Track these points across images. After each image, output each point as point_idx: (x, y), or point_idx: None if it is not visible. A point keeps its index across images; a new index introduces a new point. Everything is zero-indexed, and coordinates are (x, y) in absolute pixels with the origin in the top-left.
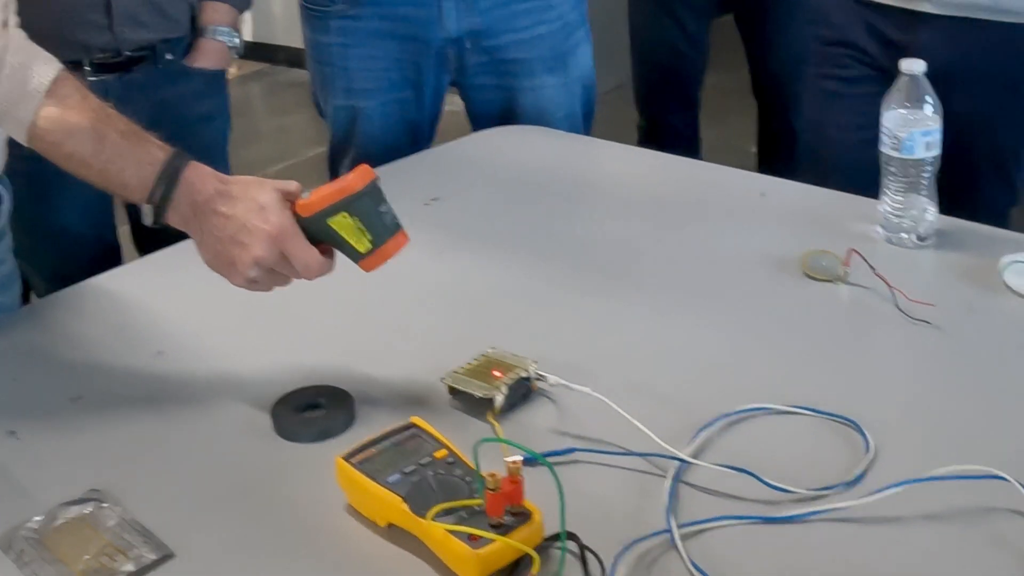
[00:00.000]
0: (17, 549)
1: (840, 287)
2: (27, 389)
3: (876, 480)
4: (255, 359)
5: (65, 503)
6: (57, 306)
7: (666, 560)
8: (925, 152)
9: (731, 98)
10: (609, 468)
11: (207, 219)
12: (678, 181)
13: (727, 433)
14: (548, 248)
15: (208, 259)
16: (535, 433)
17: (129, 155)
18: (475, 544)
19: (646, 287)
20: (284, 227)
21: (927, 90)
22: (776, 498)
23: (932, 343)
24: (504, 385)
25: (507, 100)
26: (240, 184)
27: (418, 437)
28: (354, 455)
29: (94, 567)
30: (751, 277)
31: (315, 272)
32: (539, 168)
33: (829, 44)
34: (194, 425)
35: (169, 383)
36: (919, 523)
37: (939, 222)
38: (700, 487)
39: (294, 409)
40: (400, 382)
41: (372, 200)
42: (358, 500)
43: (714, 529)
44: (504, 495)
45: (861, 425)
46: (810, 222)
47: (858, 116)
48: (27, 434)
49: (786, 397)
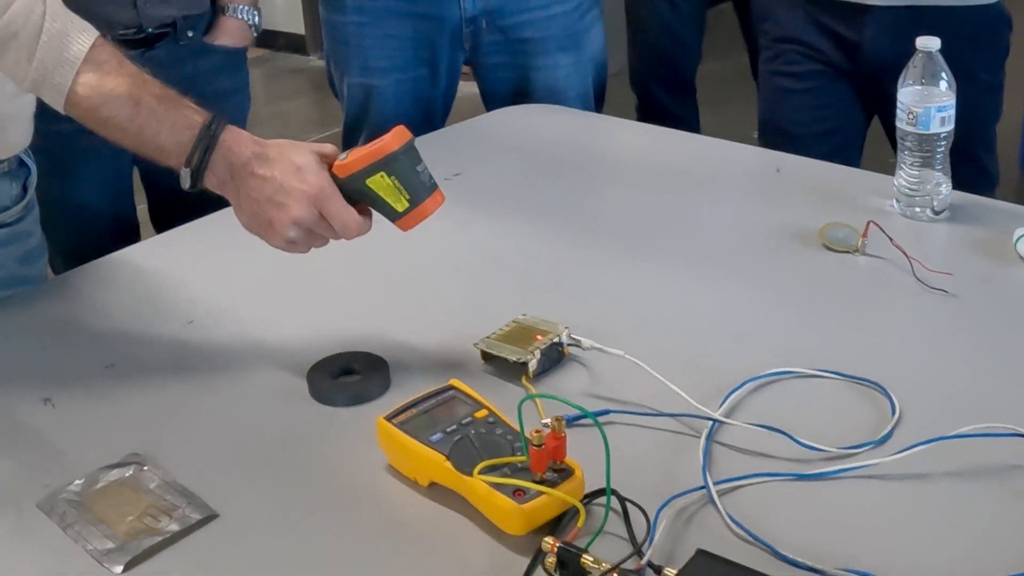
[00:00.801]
0: (59, 511)
1: (858, 258)
2: (59, 358)
3: (902, 439)
4: (287, 328)
5: (105, 467)
6: (84, 279)
7: (704, 515)
8: (940, 127)
9: (731, 84)
10: (643, 429)
11: (244, 181)
12: (694, 157)
13: (755, 396)
14: (572, 220)
15: (246, 221)
16: (569, 396)
17: (165, 119)
18: (520, 499)
19: (668, 257)
20: (322, 187)
21: (942, 66)
22: (807, 456)
23: (950, 310)
24: (537, 349)
25: (521, 79)
26: (277, 147)
27: (457, 398)
28: (395, 415)
29: (138, 528)
30: (771, 248)
31: (354, 232)
32: (557, 144)
33: (778, 40)
34: (229, 391)
35: (201, 351)
36: (945, 479)
37: (953, 196)
38: (733, 446)
39: (329, 374)
40: (434, 348)
41: (409, 159)
42: (399, 460)
43: (748, 486)
44: (548, 451)
45: (886, 387)
46: (826, 196)
47: (812, 110)
48: (62, 401)
49: (811, 361)
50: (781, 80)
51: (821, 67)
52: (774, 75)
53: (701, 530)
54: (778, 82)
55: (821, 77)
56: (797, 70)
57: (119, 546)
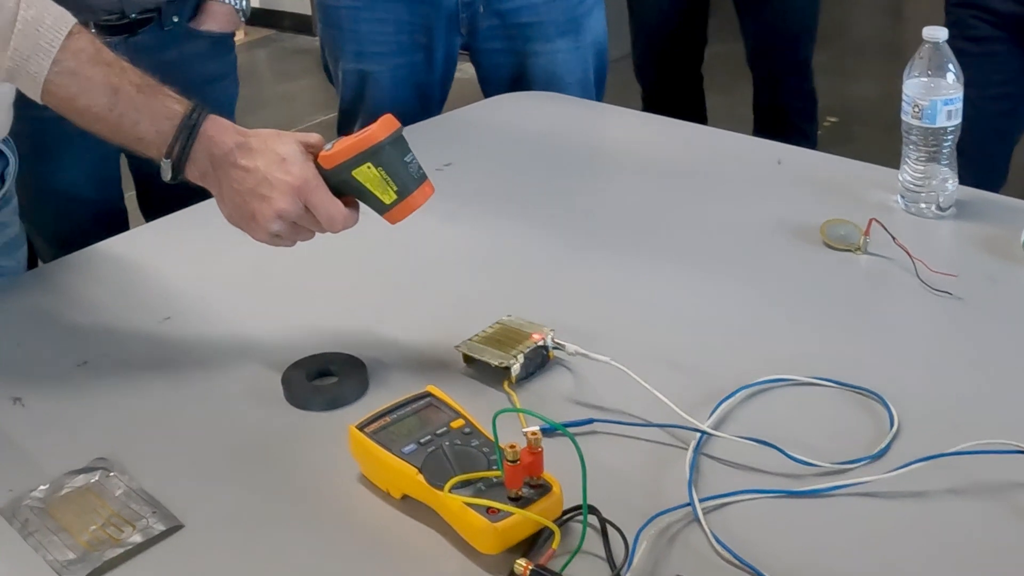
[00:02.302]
0: (22, 518)
1: (860, 257)
2: (32, 354)
3: (900, 454)
4: (265, 326)
5: (71, 472)
6: (63, 270)
7: (688, 534)
8: (947, 120)
9: (737, 67)
10: (628, 439)
11: (227, 173)
12: (693, 148)
13: (748, 405)
14: (563, 214)
15: (228, 214)
16: (552, 403)
17: (145, 108)
18: (493, 517)
19: (662, 254)
20: (307, 179)
21: (949, 58)
22: (799, 471)
23: (954, 314)
24: (520, 354)
25: (519, 65)
26: (260, 136)
27: (434, 406)
28: (368, 424)
29: (100, 537)
30: (769, 245)
31: (339, 224)
32: (553, 134)
33: (956, 5)
34: (203, 392)
35: (177, 349)
36: (944, 497)
37: (959, 192)
38: (721, 459)
39: (305, 376)
40: (414, 350)
41: (397, 150)
42: (372, 471)
43: (736, 503)
44: (523, 467)
45: (884, 397)
46: (828, 191)
47: (988, 73)
48: (32, 400)
49: (807, 368)
50: (958, 43)
51: (998, 32)
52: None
53: (685, 550)
54: (956, 45)
55: (997, 42)
56: (974, 34)
57: (80, 557)
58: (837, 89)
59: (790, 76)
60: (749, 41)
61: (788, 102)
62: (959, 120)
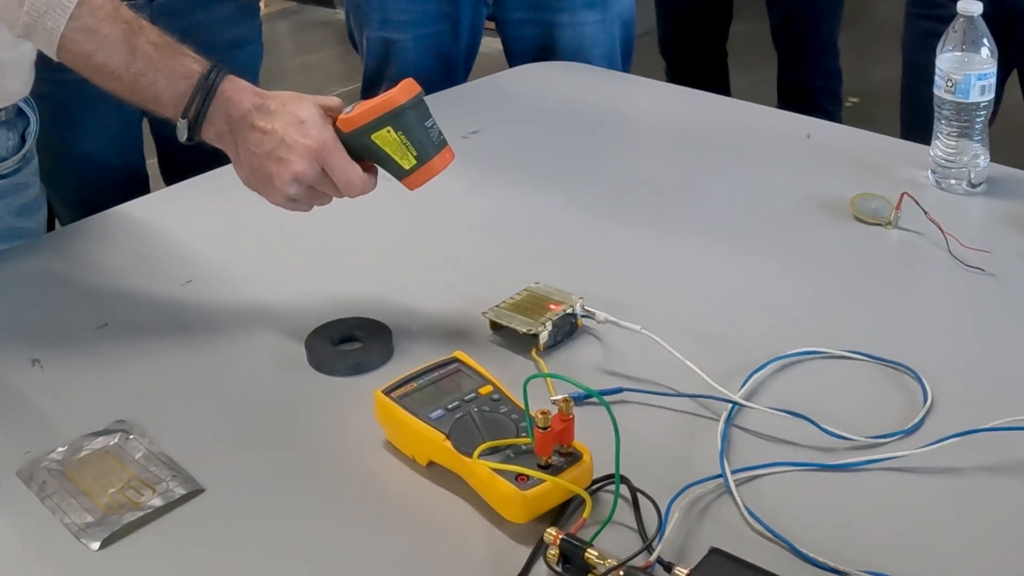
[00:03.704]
0: (39, 480)
1: (890, 231)
2: (51, 316)
3: (934, 429)
4: (288, 290)
5: (89, 434)
6: (83, 233)
7: (719, 506)
8: (980, 96)
9: (762, 46)
10: (658, 409)
11: (244, 135)
12: (721, 120)
13: (778, 377)
14: (591, 183)
15: (245, 177)
16: (580, 371)
17: (162, 67)
18: (523, 485)
19: (692, 225)
20: (325, 142)
21: (984, 32)
22: (831, 445)
23: (987, 291)
24: (549, 321)
25: (544, 36)
26: (279, 99)
27: (461, 372)
28: (394, 389)
29: (119, 501)
30: (799, 218)
31: (357, 189)
32: (580, 104)
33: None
34: (224, 356)
35: (198, 313)
36: (979, 475)
37: (990, 170)
38: (753, 431)
39: (329, 341)
40: (440, 316)
41: (417, 114)
42: (397, 436)
43: (768, 475)
44: (554, 434)
45: (917, 372)
46: (857, 165)
47: None
48: (51, 362)
49: (838, 341)
50: (928, 24)
51: None
52: (922, 19)
53: (716, 523)
54: (925, 26)
55: None
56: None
57: (98, 520)
58: (858, 70)
59: (816, 55)
60: (775, 18)
61: (813, 81)
62: (992, 95)
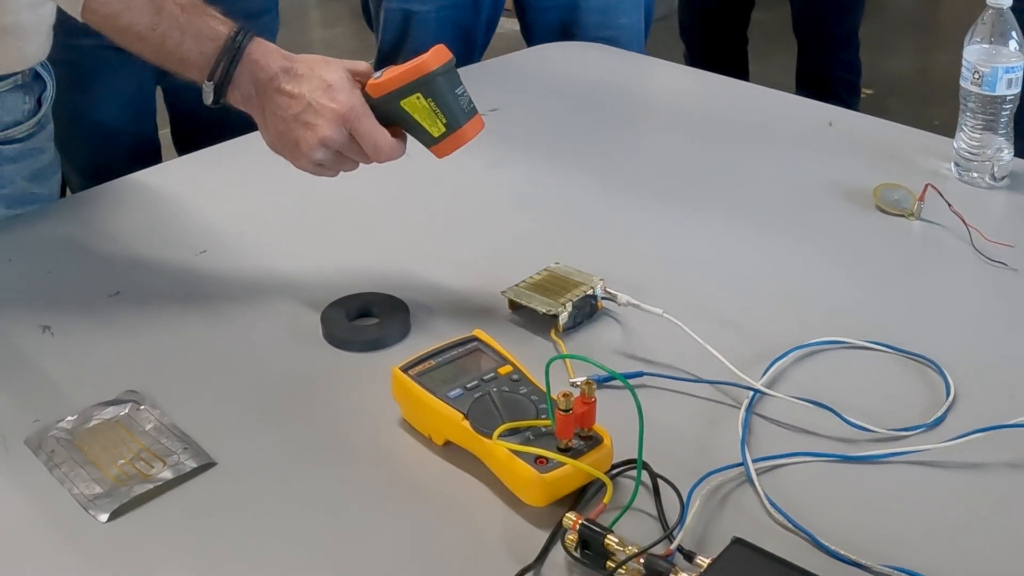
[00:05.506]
0: (48, 450)
1: (913, 222)
2: (63, 283)
3: (957, 424)
4: (304, 263)
5: (100, 403)
6: (97, 200)
7: (740, 495)
8: (1007, 89)
9: (779, 35)
10: (678, 395)
11: (271, 98)
12: (743, 105)
13: (801, 365)
14: (613, 164)
15: (271, 141)
16: (600, 354)
17: (189, 29)
18: (542, 468)
19: (711, 210)
20: (353, 106)
21: (1013, 25)
22: (853, 436)
23: (1010, 285)
24: (569, 302)
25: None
26: (307, 62)
27: (480, 351)
28: (412, 366)
29: (129, 472)
30: (821, 206)
31: (385, 155)
32: (600, 84)
33: None
34: (239, 327)
35: (213, 283)
36: (1002, 470)
37: (1014, 164)
38: (774, 420)
39: (345, 316)
40: (458, 294)
41: (448, 81)
42: (414, 415)
43: (789, 465)
44: (575, 416)
45: (940, 365)
46: (879, 155)
47: None
48: (61, 330)
49: (860, 331)
50: None
51: None
52: None
53: (737, 512)
54: None
55: None
56: None
57: (107, 492)
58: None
59: (836, 47)
60: (797, 8)
61: (832, 72)
62: (1019, 89)
